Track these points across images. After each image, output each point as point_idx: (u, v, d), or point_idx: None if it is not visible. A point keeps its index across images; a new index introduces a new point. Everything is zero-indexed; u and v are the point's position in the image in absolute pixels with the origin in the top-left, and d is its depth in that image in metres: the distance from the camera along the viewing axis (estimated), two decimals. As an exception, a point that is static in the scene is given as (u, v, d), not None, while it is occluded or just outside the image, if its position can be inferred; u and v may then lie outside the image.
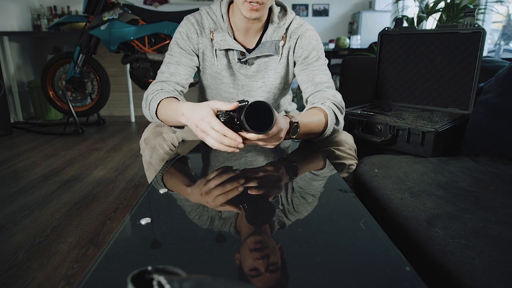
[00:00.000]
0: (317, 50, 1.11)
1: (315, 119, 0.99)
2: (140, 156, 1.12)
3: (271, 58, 1.11)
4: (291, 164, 0.94)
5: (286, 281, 0.45)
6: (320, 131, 1.02)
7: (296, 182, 0.79)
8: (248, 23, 1.05)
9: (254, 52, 1.09)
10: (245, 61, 1.10)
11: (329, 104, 1.03)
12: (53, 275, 1.20)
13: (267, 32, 1.09)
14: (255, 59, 1.11)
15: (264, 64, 1.12)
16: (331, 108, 1.02)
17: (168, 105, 0.96)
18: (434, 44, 1.44)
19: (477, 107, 1.25)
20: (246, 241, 0.54)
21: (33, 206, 1.72)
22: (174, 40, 1.10)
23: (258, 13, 0.97)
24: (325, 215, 0.63)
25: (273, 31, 1.09)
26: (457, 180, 0.93)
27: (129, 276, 0.32)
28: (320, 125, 1.01)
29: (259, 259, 0.49)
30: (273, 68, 1.12)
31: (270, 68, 1.12)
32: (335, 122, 1.03)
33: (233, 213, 0.63)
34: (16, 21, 3.72)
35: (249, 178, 0.80)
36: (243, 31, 1.08)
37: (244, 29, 1.07)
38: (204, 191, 0.73)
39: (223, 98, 1.17)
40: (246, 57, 1.09)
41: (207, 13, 1.09)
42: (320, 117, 1.00)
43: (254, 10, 0.96)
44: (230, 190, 0.73)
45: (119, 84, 3.92)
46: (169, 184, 0.78)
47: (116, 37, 2.79)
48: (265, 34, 1.09)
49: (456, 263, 0.61)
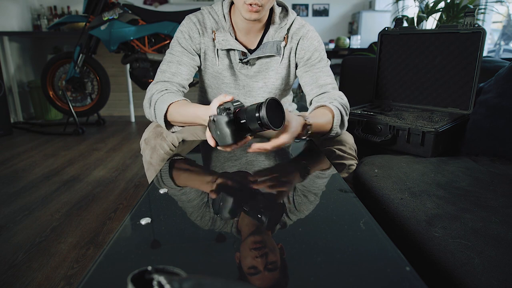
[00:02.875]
0: (319, 51, 1.11)
1: (324, 120, 1.00)
2: (140, 156, 1.12)
3: (272, 58, 1.11)
4: (291, 164, 0.94)
5: (286, 280, 0.45)
6: (326, 131, 1.02)
7: (296, 182, 0.79)
8: (248, 24, 1.05)
9: (255, 53, 1.09)
10: (246, 61, 1.10)
11: (336, 104, 1.04)
12: (53, 275, 1.20)
13: (268, 32, 1.09)
14: (256, 60, 1.11)
15: (265, 64, 1.12)
16: (338, 108, 1.03)
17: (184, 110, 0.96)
18: (434, 44, 1.44)
19: (477, 107, 1.25)
20: (247, 241, 0.54)
21: (33, 206, 1.72)
22: (175, 39, 1.09)
23: (257, 14, 0.97)
24: (325, 215, 0.63)
25: (274, 32, 1.09)
26: (457, 180, 0.93)
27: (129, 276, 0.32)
28: (328, 125, 1.01)
29: (259, 257, 0.49)
30: (274, 68, 1.12)
31: (271, 68, 1.12)
32: (340, 125, 1.03)
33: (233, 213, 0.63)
34: (16, 21, 3.72)
35: (249, 178, 0.80)
36: (244, 31, 1.08)
37: (245, 30, 1.07)
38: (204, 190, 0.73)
39: None
40: (247, 58, 1.09)
41: (209, 12, 1.09)
42: (328, 117, 1.01)
43: (253, 11, 0.96)
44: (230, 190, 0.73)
45: (119, 84, 3.91)
46: (169, 184, 0.78)
47: (116, 37, 2.79)
48: (266, 34, 1.09)
49: (456, 263, 0.61)
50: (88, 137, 3.10)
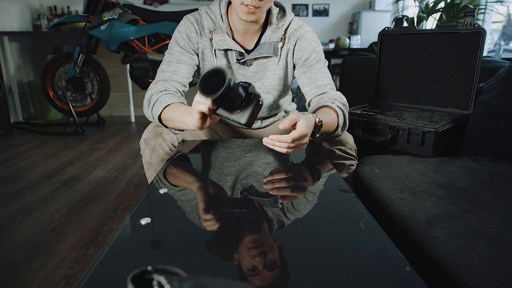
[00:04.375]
0: (317, 52, 1.11)
1: (330, 119, 0.99)
2: (140, 156, 1.12)
3: (269, 59, 1.11)
4: (291, 164, 0.94)
5: (285, 280, 0.45)
6: (332, 130, 1.02)
7: (296, 182, 0.79)
8: (245, 25, 1.05)
9: (252, 53, 1.09)
10: (243, 62, 1.10)
11: (338, 104, 1.04)
12: (53, 275, 1.20)
13: (265, 33, 1.09)
14: (253, 60, 1.11)
15: (262, 65, 1.12)
16: (340, 108, 1.03)
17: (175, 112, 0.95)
18: (434, 44, 1.44)
19: (477, 107, 1.25)
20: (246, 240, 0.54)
21: (33, 206, 1.72)
22: (174, 40, 1.10)
23: (254, 16, 0.98)
24: (325, 215, 0.63)
25: (271, 32, 1.09)
26: (457, 180, 0.93)
27: (129, 276, 0.32)
28: (334, 125, 1.01)
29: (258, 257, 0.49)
30: (271, 69, 1.12)
31: (269, 69, 1.12)
32: (343, 125, 1.03)
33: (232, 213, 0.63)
34: (16, 21, 3.72)
35: (249, 178, 0.80)
36: (241, 32, 1.08)
37: (242, 30, 1.07)
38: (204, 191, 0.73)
39: None
40: (244, 58, 1.09)
41: (206, 13, 1.09)
42: (333, 116, 1.00)
43: (250, 13, 0.96)
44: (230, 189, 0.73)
45: (119, 84, 3.91)
46: (169, 184, 0.78)
47: (116, 37, 2.79)
48: (263, 35, 1.09)
49: (456, 263, 0.61)
50: (88, 137, 3.10)
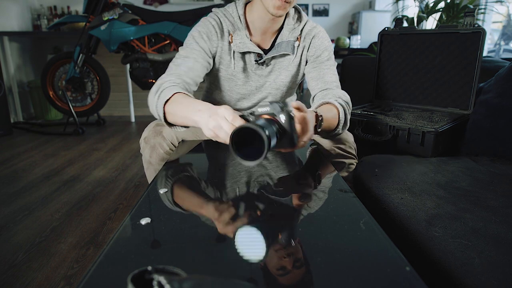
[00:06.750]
0: (329, 50, 1.14)
1: (331, 115, 0.98)
2: (140, 156, 1.12)
3: (285, 57, 1.12)
4: (291, 163, 0.94)
5: (285, 280, 0.45)
6: (333, 127, 1.01)
7: (296, 182, 0.79)
8: (268, 23, 1.06)
9: (271, 52, 1.10)
10: (262, 62, 1.11)
11: (341, 102, 1.03)
12: (53, 275, 1.20)
13: (282, 32, 1.10)
14: (271, 60, 1.12)
15: (278, 63, 1.13)
16: (342, 106, 1.02)
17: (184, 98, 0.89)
18: (434, 44, 1.44)
19: (477, 107, 1.25)
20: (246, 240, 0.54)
21: (33, 206, 1.72)
22: (192, 38, 1.06)
23: (284, 10, 0.99)
24: (325, 215, 0.62)
25: (288, 32, 1.10)
26: (457, 180, 0.93)
27: (129, 276, 0.32)
28: (335, 121, 1.00)
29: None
30: (285, 66, 1.13)
31: (284, 67, 1.14)
32: (344, 122, 1.03)
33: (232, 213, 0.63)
34: (16, 21, 3.71)
35: (249, 177, 0.80)
36: (261, 32, 1.09)
37: (263, 29, 1.08)
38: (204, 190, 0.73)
39: (232, 97, 1.18)
40: (263, 58, 1.10)
41: (224, 15, 1.09)
42: (334, 113, 1.00)
43: (281, 8, 0.97)
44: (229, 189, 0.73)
45: (119, 84, 3.91)
46: (169, 184, 0.78)
47: (116, 37, 2.79)
48: (280, 34, 1.11)
49: (456, 263, 0.61)
50: (88, 137, 3.09)
